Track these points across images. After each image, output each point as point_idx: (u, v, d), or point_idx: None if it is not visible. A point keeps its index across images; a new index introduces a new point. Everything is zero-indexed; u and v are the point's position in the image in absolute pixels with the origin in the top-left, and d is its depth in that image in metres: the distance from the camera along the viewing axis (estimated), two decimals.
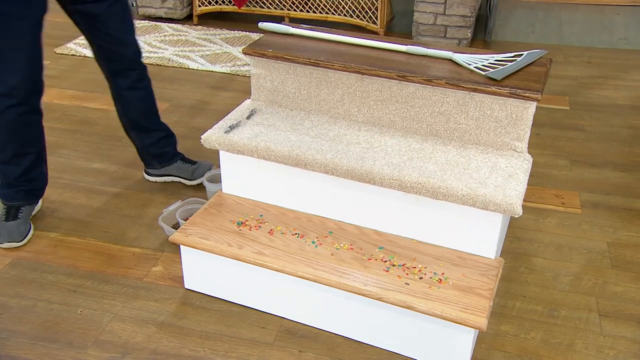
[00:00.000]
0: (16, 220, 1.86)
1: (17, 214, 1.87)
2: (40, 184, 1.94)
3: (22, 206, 1.89)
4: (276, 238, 1.61)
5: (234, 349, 1.52)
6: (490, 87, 1.53)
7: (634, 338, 1.56)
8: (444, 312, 1.39)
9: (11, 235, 1.84)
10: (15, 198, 1.88)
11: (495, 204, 1.44)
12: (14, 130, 1.77)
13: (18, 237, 1.84)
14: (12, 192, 1.88)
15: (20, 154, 1.82)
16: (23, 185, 1.87)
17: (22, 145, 1.81)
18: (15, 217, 1.87)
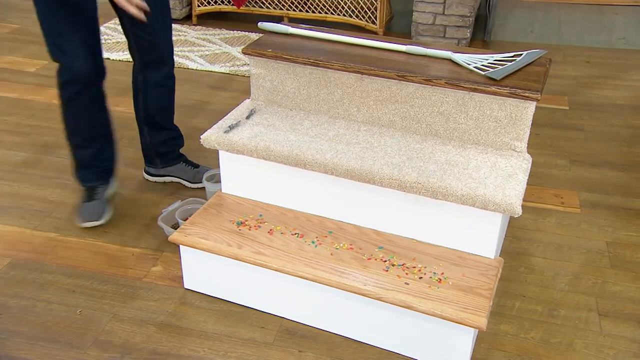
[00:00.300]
0: (92, 201, 1.95)
1: (93, 195, 1.96)
2: (112, 164, 2.02)
3: (98, 186, 1.98)
4: (276, 238, 1.61)
5: (233, 349, 1.52)
6: (489, 87, 1.53)
7: (634, 337, 1.56)
8: (443, 312, 1.39)
9: (90, 215, 1.92)
10: (91, 179, 1.97)
11: (495, 204, 1.44)
12: (84, 113, 1.87)
13: (95, 216, 1.92)
14: (88, 173, 1.97)
15: (92, 136, 1.92)
16: (97, 165, 1.97)
17: (93, 128, 1.91)
18: (92, 197, 1.96)
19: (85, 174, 1.98)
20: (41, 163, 2.29)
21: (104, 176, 2.01)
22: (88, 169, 1.97)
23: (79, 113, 1.87)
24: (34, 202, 2.07)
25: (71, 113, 1.87)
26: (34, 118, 2.60)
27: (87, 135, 1.92)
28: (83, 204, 1.95)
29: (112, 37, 3.51)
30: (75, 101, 1.83)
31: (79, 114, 1.87)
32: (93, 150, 1.94)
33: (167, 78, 2.00)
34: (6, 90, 2.86)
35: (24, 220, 1.98)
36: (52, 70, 3.08)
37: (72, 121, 1.89)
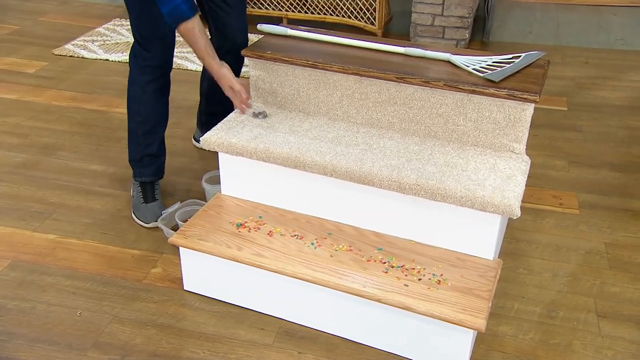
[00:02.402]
0: (155, 201, 1.97)
1: (154, 194, 1.98)
2: (165, 159, 2.05)
3: (156, 182, 2.01)
4: (275, 239, 1.61)
5: (233, 351, 1.52)
6: (488, 89, 1.54)
7: (632, 339, 1.57)
8: (442, 314, 1.39)
9: (147, 217, 1.93)
10: (154, 173, 1.99)
11: (494, 206, 1.44)
12: (157, 101, 1.94)
13: (153, 219, 1.92)
14: (151, 169, 1.99)
15: (160, 122, 1.98)
16: (160, 154, 2.01)
17: (161, 114, 1.98)
18: (154, 197, 1.97)
19: (146, 170, 1.99)
20: (41, 164, 2.29)
21: (161, 172, 2.04)
22: (152, 161, 1.98)
23: (152, 98, 1.92)
24: (33, 203, 2.07)
25: (147, 96, 1.92)
26: (33, 119, 2.60)
27: (156, 121, 1.96)
28: (145, 205, 1.96)
29: (111, 38, 3.51)
30: (149, 85, 1.90)
31: (151, 99, 1.92)
32: (159, 138, 1.98)
33: (234, 62, 2.01)
34: (5, 92, 2.86)
35: (24, 222, 1.98)
36: (51, 72, 3.10)
37: (146, 104, 1.93)
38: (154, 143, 1.98)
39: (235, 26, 2.02)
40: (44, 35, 3.56)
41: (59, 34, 3.56)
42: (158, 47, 1.86)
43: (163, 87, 1.96)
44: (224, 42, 2.04)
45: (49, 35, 3.55)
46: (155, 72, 1.91)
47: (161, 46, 1.87)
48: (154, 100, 1.94)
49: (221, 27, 2.02)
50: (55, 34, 3.56)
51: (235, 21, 2.02)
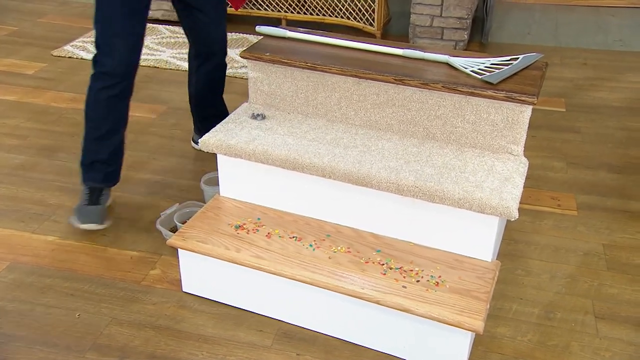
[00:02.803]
0: (98, 205, 1.91)
1: (99, 199, 1.92)
2: (120, 166, 1.99)
3: (104, 189, 1.95)
4: (274, 241, 1.62)
5: (232, 352, 1.52)
6: (486, 91, 1.54)
7: (630, 340, 1.57)
8: (440, 315, 1.39)
9: (92, 217, 1.87)
10: (103, 180, 1.95)
11: (492, 208, 1.44)
12: (110, 108, 1.86)
13: (99, 220, 1.88)
14: (101, 175, 1.93)
15: (113, 131, 1.90)
16: (112, 164, 1.94)
17: (115, 122, 1.90)
18: (97, 202, 1.91)
19: (95, 174, 1.94)
20: (40, 166, 2.30)
21: (112, 178, 1.99)
22: (100, 167, 1.93)
23: (105, 105, 1.86)
24: (32, 205, 2.07)
25: (99, 102, 1.86)
26: (32, 121, 2.60)
27: (109, 128, 1.89)
28: (85, 206, 1.91)
29: None
30: (103, 92, 1.84)
31: (105, 106, 1.87)
32: (112, 145, 1.92)
33: (217, 70, 2.13)
34: (4, 93, 2.86)
35: (23, 224, 1.98)
36: (50, 73, 3.10)
37: (99, 111, 1.87)
38: (105, 150, 1.92)
39: (214, 35, 2.06)
40: (43, 36, 3.56)
41: (58, 35, 3.56)
42: (116, 56, 1.79)
43: (120, 94, 1.88)
44: (202, 51, 2.11)
45: (48, 36, 3.55)
46: (111, 80, 1.83)
47: (120, 55, 1.79)
48: (106, 107, 1.87)
49: (199, 36, 2.07)
50: (54, 35, 3.56)
51: (214, 31, 2.05)
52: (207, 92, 2.23)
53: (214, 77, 2.19)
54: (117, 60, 1.79)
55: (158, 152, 2.41)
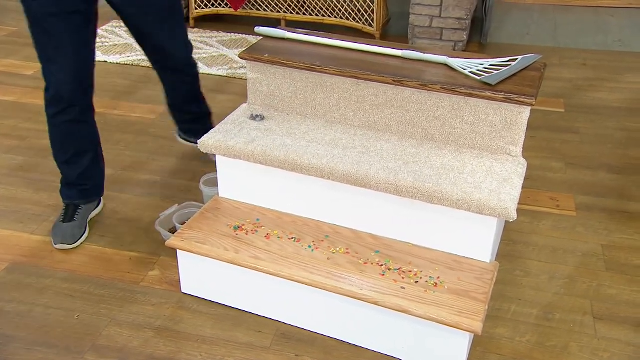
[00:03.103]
0: (72, 222, 1.86)
1: (74, 215, 1.88)
2: (99, 182, 1.95)
3: (81, 205, 1.90)
4: (272, 242, 1.62)
5: (230, 353, 1.52)
6: (484, 92, 1.54)
7: (629, 341, 1.57)
8: (439, 316, 1.39)
9: (64, 237, 1.84)
10: (75, 197, 1.90)
11: (490, 208, 1.45)
12: (69, 132, 1.80)
13: (71, 239, 1.84)
14: (73, 191, 1.89)
15: (79, 153, 1.85)
16: (84, 183, 1.89)
17: (80, 145, 1.84)
18: (72, 218, 1.87)
19: (69, 191, 1.91)
20: (38, 167, 2.30)
21: (88, 195, 1.93)
22: (73, 187, 1.90)
23: (62, 131, 1.80)
24: (31, 206, 2.07)
25: (56, 128, 1.80)
26: (31, 121, 2.60)
27: (75, 151, 1.85)
28: (59, 224, 1.87)
29: (110, 39, 3.51)
30: (57, 119, 1.78)
31: (62, 132, 1.81)
32: (81, 167, 1.87)
33: (185, 83, 2.04)
34: (3, 94, 2.86)
35: (22, 225, 1.98)
36: None
37: (58, 137, 1.83)
38: (73, 173, 1.87)
39: (172, 52, 1.96)
40: None
41: None
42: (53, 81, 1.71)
43: (76, 119, 1.78)
44: (165, 67, 2.02)
45: None
46: (59, 105, 1.75)
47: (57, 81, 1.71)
48: (64, 133, 1.81)
49: (159, 56, 1.97)
50: None
51: (171, 48, 1.94)
52: (181, 101, 2.16)
53: (183, 90, 2.10)
54: (56, 86, 1.71)
55: (157, 152, 2.41)
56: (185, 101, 2.15)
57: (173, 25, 1.91)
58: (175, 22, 1.92)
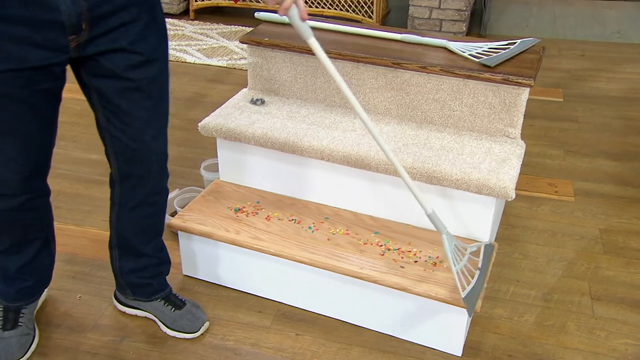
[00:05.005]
0: (16, 328, 1.45)
1: (17, 319, 1.46)
2: (48, 273, 1.51)
3: (23, 307, 1.47)
4: (273, 224, 1.63)
5: (231, 333, 1.54)
6: (483, 73, 1.56)
7: (625, 320, 1.59)
8: (438, 294, 1.41)
9: (8, 352, 1.42)
10: (17, 297, 1.45)
11: (489, 188, 1.46)
12: (9, 221, 1.35)
13: (18, 352, 1.43)
14: (13, 290, 1.44)
15: (21, 243, 1.40)
16: (27, 278, 1.45)
17: (23, 233, 1.39)
18: (15, 324, 1.45)
19: (8, 290, 1.44)
20: None
21: (34, 292, 1.49)
22: (12, 282, 1.44)
23: (2, 219, 1.34)
24: None
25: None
26: None
27: (15, 241, 1.39)
28: (1, 332, 1.43)
29: None
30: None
31: (2, 220, 1.35)
32: (24, 258, 1.42)
33: (155, 194, 1.43)
34: None
35: None
36: None
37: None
38: (11, 265, 1.41)
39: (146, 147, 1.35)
40: None
41: None
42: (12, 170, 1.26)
43: (22, 207, 1.32)
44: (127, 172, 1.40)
45: None
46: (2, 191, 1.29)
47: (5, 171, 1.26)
48: (3, 223, 1.35)
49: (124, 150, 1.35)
50: None
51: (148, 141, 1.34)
52: (133, 235, 1.48)
53: (151, 207, 1.46)
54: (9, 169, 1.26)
55: None
56: (145, 233, 1.50)
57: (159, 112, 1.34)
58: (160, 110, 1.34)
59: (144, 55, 1.23)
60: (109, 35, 1.18)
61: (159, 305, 1.54)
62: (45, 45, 1.13)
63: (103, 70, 1.22)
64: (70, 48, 1.16)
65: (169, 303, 1.54)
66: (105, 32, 1.17)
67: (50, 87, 1.20)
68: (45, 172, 1.35)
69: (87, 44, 1.17)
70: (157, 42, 1.27)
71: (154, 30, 1.25)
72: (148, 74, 1.25)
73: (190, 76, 3.01)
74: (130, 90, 1.25)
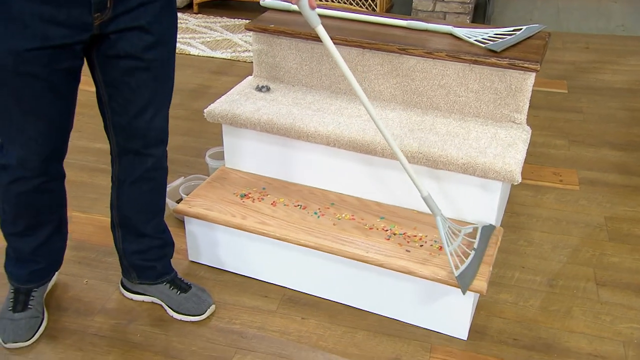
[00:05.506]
0: (26, 311, 1.47)
1: (27, 302, 1.48)
2: (59, 256, 1.53)
3: (34, 290, 1.50)
4: (279, 209, 1.63)
5: (237, 316, 1.54)
6: (489, 58, 1.56)
7: (630, 305, 1.59)
8: (444, 277, 1.41)
9: (17, 333, 1.44)
10: (29, 279, 1.49)
11: (495, 172, 1.46)
12: (26, 203, 1.38)
13: (26, 334, 1.45)
14: (25, 272, 1.48)
15: (36, 225, 1.43)
16: (39, 260, 1.48)
17: (37, 215, 1.42)
18: (25, 306, 1.47)
19: (20, 272, 1.48)
20: None
21: (45, 275, 1.52)
22: (25, 264, 1.47)
23: (17, 201, 1.38)
24: None
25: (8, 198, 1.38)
26: None
27: (29, 223, 1.42)
28: (11, 314, 1.46)
29: None
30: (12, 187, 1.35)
31: (16, 203, 1.38)
32: (37, 240, 1.44)
33: (153, 170, 1.44)
34: None
35: None
36: None
37: (7, 207, 1.39)
38: (25, 247, 1.45)
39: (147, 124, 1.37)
40: None
41: None
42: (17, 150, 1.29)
43: (37, 189, 1.36)
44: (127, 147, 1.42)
45: None
46: (16, 175, 1.33)
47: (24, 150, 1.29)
48: (18, 204, 1.38)
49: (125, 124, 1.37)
50: None
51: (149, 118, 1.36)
52: (139, 210, 1.49)
53: (150, 182, 1.47)
54: (19, 156, 1.29)
55: None
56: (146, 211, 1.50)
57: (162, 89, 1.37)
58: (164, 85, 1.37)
59: (157, 36, 1.26)
60: (130, 14, 1.21)
61: (165, 288, 1.56)
62: (69, 24, 1.16)
63: (117, 50, 1.24)
64: (93, 26, 1.19)
65: (175, 286, 1.56)
66: (127, 11, 1.21)
67: (70, 66, 1.22)
68: (63, 155, 1.38)
69: (109, 22, 1.20)
70: (170, 25, 1.30)
71: (168, 13, 1.28)
72: (159, 55, 1.28)
73: (194, 68, 3.02)
74: (140, 70, 1.27)
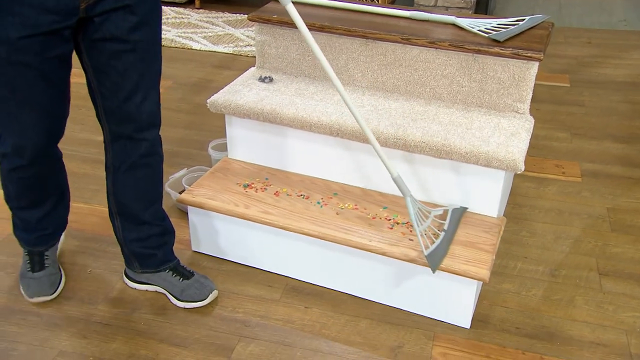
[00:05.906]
0: (44, 269, 1.56)
1: (43, 262, 1.57)
2: (64, 220, 1.61)
3: (46, 251, 1.59)
4: (282, 199, 1.64)
5: (241, 305, 1.55)
6: (493, 48, 1.56)
7: (633, 294, 1.59)
8: (447, 265, 1.41)
9: (41, 288, 1.54)
10: (37, 242, 1.57)
11: (498, 160, 1.46)
12: (27, 185, 1.45)
13: (49, 289, 1.55)
14: (34, 237, 1.56)
15: (39, 201, 1.51)
16: (46, 227, 1.56)
17: (42, 192, 1.49)
18: (42, 266, 1.57)
19: (29, 237, 1.56)
20: None
21: (52, 239, 1.60)
22: (33, 232, 1.55)
23: (20, 184, 1.45)
24: None
25: (11, 182, 1.45)
26: None
27: (33, 199, 1.49)
28: (31, 274, 1.55)
29: None
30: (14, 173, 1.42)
31: (19, 185, 1.45)
32: (42, 211, 1.52)
33: (148, 156, 1.43)
34: None
35: None
36: None
37: (10, 186, 1.46)
38: (31, 218, 1.52)
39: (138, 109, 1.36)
40: None
41: None
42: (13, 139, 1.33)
43: (34, 176, 1.42)
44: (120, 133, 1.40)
45: None
46: (14, 163, 1.38)
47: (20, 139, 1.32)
48: (21, 187, 1.45)
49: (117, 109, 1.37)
50: None
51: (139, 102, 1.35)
52: (136, 197, 1.48)
53: (145, 168, 1.45)
54: (14, 144, 1.33)
55: (165, 124, 2.36)
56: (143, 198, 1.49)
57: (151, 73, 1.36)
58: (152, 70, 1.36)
59: (140, 16, 1.26)
60: None
61: (167, 276, 1.56)
62: (57, 10, 1.17)
63: (102, 33, 1.25)
64: (79, 9, 1.20)
65: (177, 274, 1.57)
66: None
67: (61, 52, 1.23)
68: (58, 139, 1.41)
69: (95, 4, 1.22)
70: (154, 7, 1.31)
71: None
72: (144, 36, 1.29)
73: (196, 62, 3.02)
74: (126, 53, 1.28)
